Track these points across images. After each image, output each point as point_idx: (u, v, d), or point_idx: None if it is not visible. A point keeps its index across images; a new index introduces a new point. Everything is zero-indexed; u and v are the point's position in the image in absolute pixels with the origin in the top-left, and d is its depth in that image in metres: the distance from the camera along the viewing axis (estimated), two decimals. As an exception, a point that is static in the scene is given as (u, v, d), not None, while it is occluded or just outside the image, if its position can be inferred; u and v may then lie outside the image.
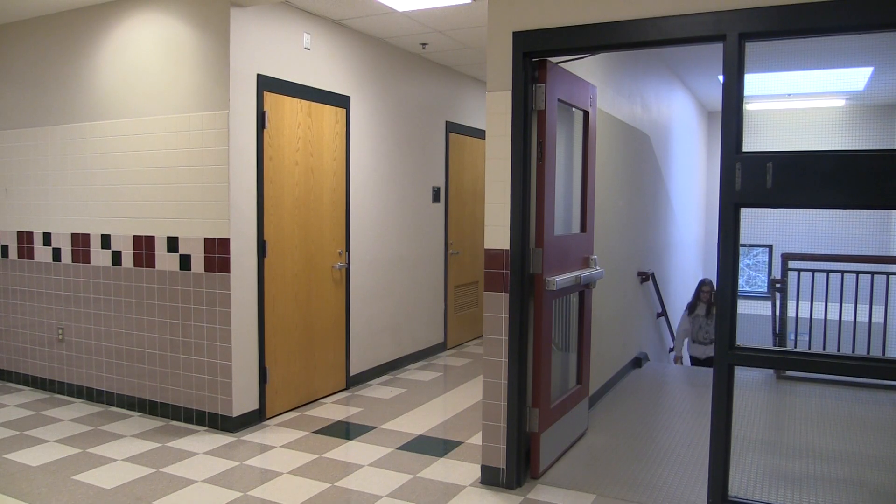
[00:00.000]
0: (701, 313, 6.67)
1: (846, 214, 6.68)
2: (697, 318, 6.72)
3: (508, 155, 3.55)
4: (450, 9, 4.79)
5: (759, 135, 3.73)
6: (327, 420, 4.79)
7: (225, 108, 4.38)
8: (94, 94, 5.02)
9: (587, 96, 4.25)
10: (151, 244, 4.77)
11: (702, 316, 6.67)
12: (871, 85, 7.66)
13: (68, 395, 5.30)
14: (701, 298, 6.67)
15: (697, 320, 6.71)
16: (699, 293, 6.70)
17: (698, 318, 6.71)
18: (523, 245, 3.57)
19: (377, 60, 5.81)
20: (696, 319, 6.72)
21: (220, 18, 4.37)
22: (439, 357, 6.81)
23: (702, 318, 6.67)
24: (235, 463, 3.99)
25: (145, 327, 4.85)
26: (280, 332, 4.85)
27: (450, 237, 7.10)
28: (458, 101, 7.19)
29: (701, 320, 6.68)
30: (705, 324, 6.65)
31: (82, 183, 5.11)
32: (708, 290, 6.67)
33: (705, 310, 6.66)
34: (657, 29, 3.15)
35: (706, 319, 6.63)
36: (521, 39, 3.48)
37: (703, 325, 6.66)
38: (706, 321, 6.64)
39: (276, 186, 4.76)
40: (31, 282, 5.49)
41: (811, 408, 5.25)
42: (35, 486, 3.65)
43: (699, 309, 6.70)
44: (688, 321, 6.79)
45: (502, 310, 3.61)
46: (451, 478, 3.81)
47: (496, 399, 3.65)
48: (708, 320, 6.62)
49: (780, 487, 3.70)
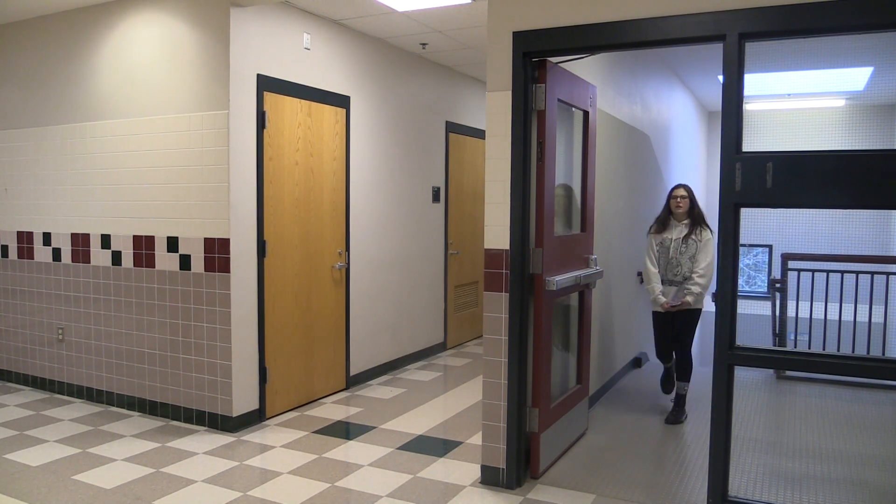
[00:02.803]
0: (673, 235, 4.70)
1: (846, 214, 6.69)
2: (666, 245, 4.71)
3: (508, 155, 3.55)
4: (450, 9, 4.79)
5: (759, 135, 3.74)
6: (327, 420, 4.80)
7: (225, 108, 4.38)
8: (94, 94, 5.02)
9: (587, 96, 4.25)
10: (151, 244, 4.77)
11: (673, 239, 4.69)
12: (870, 85, 7.66)
13: (68, 395, 5.30)
14: (673, 211, 4.73)
15: (666, 249, 4.71)
16: (668, 201, 4.80)
17: (667, 245, 4.71)
18: (523, 245, 3.57)
19: (377, 60, 5.81)
20: (665, 247, 4.72)
21: (220, 18, 4.37)
22: (439, 357, 6.81)
23: (673, 242, 4.69)
24: (235, 463, 3.99)
25: (145, 327, 4.85)
26: (280, 332, 4.85)
27: (450, 237, 7.10)
28: (458, 101, 7.19)
29: (672, 247, 4.69)
30: (679, 252, 4.66)
31: (82, 183, 5.11)
32: (684, 195, 4.70)
33: (681, 230, 4.68)
34: (657, 29, 3.15)
35: (682, 244, 4.65)
36: (521, 39, 3.48)
37: (676, 253, 4.67)
38: (681, 247, 4.65)
39: (276, 186, 4.76)
40: (31, 282, 5.49)
41: (811, 408, 5.26)
42: (35, 486, 3.65)
43: (671, 229, 4.72)
44: (654, 250, 4.79)
45: (502, 310, 3.61)
46: (451, 478, 3.81)
47: (496, 399, 3.65)
48: (684, 245, 4.64)
49: (780, 487, 3.70)
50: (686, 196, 4.69)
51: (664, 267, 4.74)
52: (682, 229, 4.70)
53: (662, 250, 4.73)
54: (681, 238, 4.68)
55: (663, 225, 4.78)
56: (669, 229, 4.74)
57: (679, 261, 4.68)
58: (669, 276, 4.73)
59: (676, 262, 4.69)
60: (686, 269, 4.65)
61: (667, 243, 4.72)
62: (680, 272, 4.69)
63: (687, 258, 4.64)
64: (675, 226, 4.73)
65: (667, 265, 4.73)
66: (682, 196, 4.69)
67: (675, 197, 4.72)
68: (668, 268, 4.73)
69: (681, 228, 4.70)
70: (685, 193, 4.70)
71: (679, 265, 4.68)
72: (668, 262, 4.73)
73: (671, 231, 4.73)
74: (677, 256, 4.68)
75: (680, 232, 4.70)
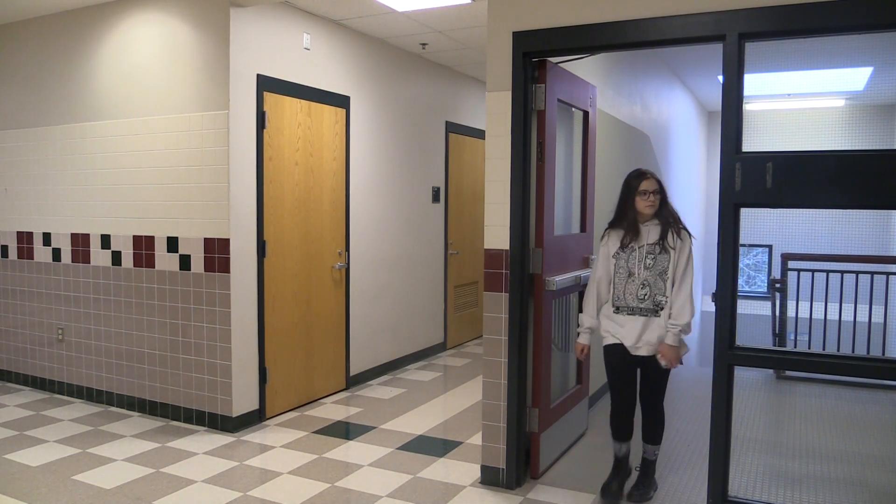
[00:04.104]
0: (637, 242, 3.33)
1: (846, 214, 6.70)
2: (626, 257, 3.35)
3: (508, 155, 3.55)
4: (450, 9, 4.79)
5: (759, 135, 3.74)
6: (327, 420, 4.79)
7: (225, 109, 4.38)
8: (94, 94, 5.02)
9: (587, 96, 4.25)
10: (151, 244, 4.77)
11: (638, 248, 3.33)
12: (870, 85, 7.66)
13: (68, 395, 5.30)
14: (639, 211, 3.32)
15: (626, 261, 3.35)
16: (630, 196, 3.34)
17: (628, 256, 3.34)
18: (523, 245, 3.57)
19: (377, 60, 5.81)
20: (624, 259, 3.35)
21: (220, 18, 4.37)
22: (439, 357, 6.81)
23: (637, 252, 3.32)
24: (235, 463, 3.99)
25: (145, 327, 4.85)
26: (280, 332, 4.85)
27: (450, 237, 7.09)
28: (458, 101, 7.19)
29: (635, 259, 3.32)
30: (645, 265, 3.30)
31: (82, 183, 5.11)
32: (655, 189, 3.31)
33: (648, 234, 3.33)
34: (657, 29, 3.15)
35: (649, 255, 3.30)
36: (521, 39, 3.48)
37: (640, 268, 3.31)
38: (648, 259, 3.30)
39: (276, 186, 4.76)
40: (31, 282, 5.49)
41: (811, 408, 5.25)
42: (35, 486, 3.65)
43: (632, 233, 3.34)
44: (607, 262, 3.41)
45: (502, 310, 3.60)
46: (451, 478, 3.81)
47: (496, 399, 3.65)
48: (652, 256, 3.29)
49: (780, 487, 3.70)
50: (657, 190, 3.31)
51: (622, 288, 3.34)
52: (650, 233, 3.33)
53: (620, 263, 3.37)
54: (648, 246, 3.32)
55: (622, 228, 3.39)
56: (630, 233, 3.35)
57: (646, 279, 3.30)
58: (630, 302, 3.33)
59: (642, 280, 3.31)
60: (657, 290, 3.29)
61: (627, 254, 3.35)
62: (648, 296, 3.29)
63: (657, 275, 3.29)
64: (640, 229, 3.36)
65: (626, 285, 3.34)
66: (654, 191, 3.29)
67: (644, 192, 3.29)
68: (627, 289, 3.33)
69: (648, 232, 3.34)
70: (656, 186, 3.31)
71: (647, 285, 3.30)
72: (627, 280, 3.33)
73: (633, 236, 3.35)
74: (642, 272, 3.31)
75: (647, 237, 3.33)
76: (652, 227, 3.35)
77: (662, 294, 3.31)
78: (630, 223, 3.37)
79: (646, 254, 3.33)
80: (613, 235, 3.42)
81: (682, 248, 3.31)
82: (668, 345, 3.28)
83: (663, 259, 3.30)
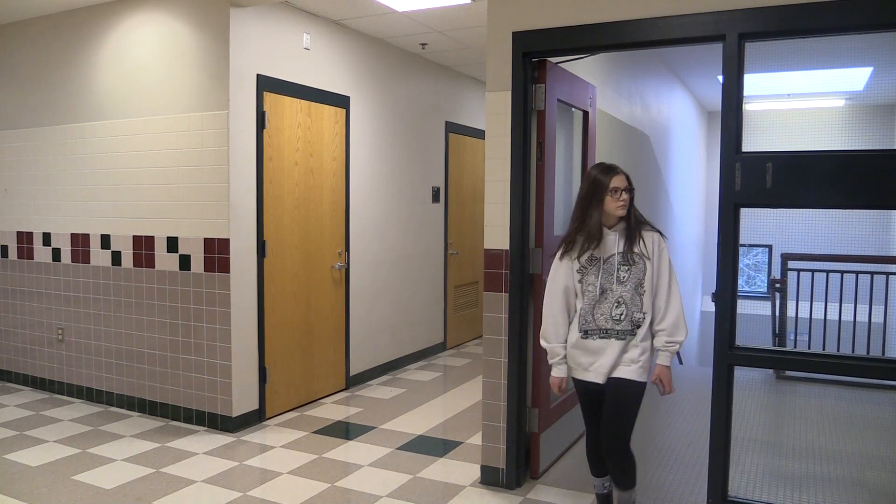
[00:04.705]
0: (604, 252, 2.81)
1: (846, 214, 6.70)
2: (592, 269, 2.83)
3: (508, 155, 3.55)
4: (450, 9, 4.79)
5: (759, 135, 3.74)
6: (327, 420, 4.79)
7: (225, 109, 4.38)
8: (94, 94, 5.02)
9: (587, 96, 4.25)
10: (151, 244, 4.77)
11: (606, 258, 2.81)
12: (870, 85, 7.67)
13: (68, 395, 5.30)
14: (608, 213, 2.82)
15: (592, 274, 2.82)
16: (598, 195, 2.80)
17: (594, 268, 2.82)
18: (523, 245, 3.57)
19: (377, 60, 5.81)
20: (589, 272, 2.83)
21: (220, 18, 4.37)
22: (439, 357, 6.81)
23: (605, 263, 2.81)
24: (235, 463, 3.99)
25: (145, 327, 4.85)
26: (280, 332, 4.85)
27: (450, 237, 7.09)
28: (458, 101, 7.19)
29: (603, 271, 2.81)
30: (616, 279, 2.79)
31: (82, 183, 5.11)
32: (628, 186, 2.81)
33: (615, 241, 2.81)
34: (657, 29, 3.15)
35: (620, 266, 2.80)
36: (521, 39, 3.48)
37: (611, 281, 2.79)
38: (620, 270, 2.80)
39: (276, 186, 4.76)
40: (31, 282, 5.49)
41: (811, 408, 5.25)
42: (35, 486, 3.65)
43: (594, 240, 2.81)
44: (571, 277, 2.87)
45: (502, 310, 3.60)
46: (450, 478, 3.81)
47: (496, 399, 3.65)
48: (625, 266, 2.79)
49: (780, 487, 3.70)
50: (629, 188, 2.82)
51: (589, 307, 2.82)
52: (619, 241, 2.81)
53: (589, 280, 2.83)
54: (619, 256, 2.80)
55: (585, 235, 2.82)
56: (592, 242, 2.81)
57: (622, 296, 2.78)
58: (603, 323, 2.80)
59: (617, 297, 2.78)
60: (635, 307, 2.78)
61: (595, 267, 2.82)
62: (625, 315, 2.78)
63: (633, 289, 2.78)
64: (605, 235, 2.82)
65: (595, 304, 2.81)
66: (626, 188, 2.80)
67: (615, 190, 2.78)
68: (598, 309, 2.80)
69: (616, 240, 2.82)
70: (627, 183, 2.82)
71: (622, 303, 2.78)
72: (600, 299, 2.81)
73: (597, 244, 2.81)
74: (616, 288, 2.78)
75: (614, 245, 2.81)
76: (620, 234, 2.82)
77: (640, 310, 2.79)
78: (592, 229, 2.81)
79: (617, 265, 2.80)
80: (577, 246, 2.85)
81: (660, 253, 2.82)
82: (663, 366, 2.81)
83: (638, 270, 2.79)
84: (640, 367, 2.79)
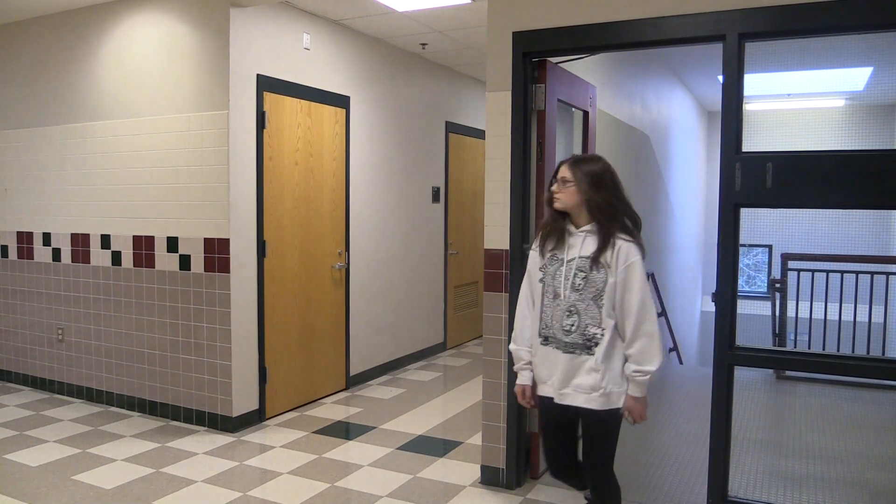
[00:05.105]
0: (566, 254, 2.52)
1: (846, 214, 6.71)
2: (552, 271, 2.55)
3: (508, 155, 3.56)
4: (450, 9, 4.79)
5: (759, 135, 3.74)
6: (327, 420, 4.79)
7: (225, 109, 4.38)
8: (94, 94, 5.02)
9: (587, 96, 4.25)
10: (151, 244, 4.77)
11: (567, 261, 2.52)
12: (870, 85, 7.67)
13: (68, 395, 5.30)
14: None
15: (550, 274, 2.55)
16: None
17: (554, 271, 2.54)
18: (523, 245, 3.57)
19: (377, 60, 5.81)
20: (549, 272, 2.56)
21: (220, 18, 4.37)
22: (439, 357, 6.81)
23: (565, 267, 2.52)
24: (235, 463, 3.99)
25: (145, 327, 4.85)
26: (280, 332, 4.85)
27: (449, 237, 7.10)
28: (458, 101, 7.19)
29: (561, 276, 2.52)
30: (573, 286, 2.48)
31: (82, 183, 5.11)
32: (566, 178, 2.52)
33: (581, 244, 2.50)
34: (657, 29, 3.15)
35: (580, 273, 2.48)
36: (521, 39, 3.48)
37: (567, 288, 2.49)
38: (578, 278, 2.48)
39: (276, 186, 4.76)
40: (31, 282, 5.49)
41: (811, 408, 5.25)
42: (35, 486, 3.65)
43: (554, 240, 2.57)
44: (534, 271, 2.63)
45: (502, 310, 3.60)
46: (450, 478, 3.81)
47: (496, 399, 3.65)
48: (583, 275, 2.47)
49: (780, 487, 3.70)
50: (570, 180, 2.49)
51: (548, 312, 2.54)
52: (585, 244, 2.50)
53: (547, 280, 2.56)
54: (580, 260, 2.49)
55: (549, 233, 2.59)
56: (553, 238, 2.57)
57: (574, 304, 2.49)
58: (556, 332, 2.53)
59: (569, 305, 2.50)
60: (590, 319, 2.46)
61: (554, 267, 2.55)
62: (577, 326, 2.48)
63: (590, 299, 2.46)
64: (570, 235, 2.55)
65: (553, 309, 2.53)
66: (565, 179, 2.51)
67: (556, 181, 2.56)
68: (554, 315, 2.53)
69: (582, 241, 2.51)
70: (569, 175, 2.50)
71: (575, 312, 2.49)
72: (554, 301, 2.53)
73: (559, 245, 2.56)
74: (569, 295, 2.49)
75: (580, 247, 2.51)
76: (588, 236, 2.50)
77: (597, 325, 2.45)
78: (546, 222, 2.59)
79: (575, 270, 2.48)
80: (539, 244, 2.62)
81: (626, 268, 2.43)
82: (633, 397, 2.48)
83: (597, 280, 2.45)
84: (600, 396, 2.47)
